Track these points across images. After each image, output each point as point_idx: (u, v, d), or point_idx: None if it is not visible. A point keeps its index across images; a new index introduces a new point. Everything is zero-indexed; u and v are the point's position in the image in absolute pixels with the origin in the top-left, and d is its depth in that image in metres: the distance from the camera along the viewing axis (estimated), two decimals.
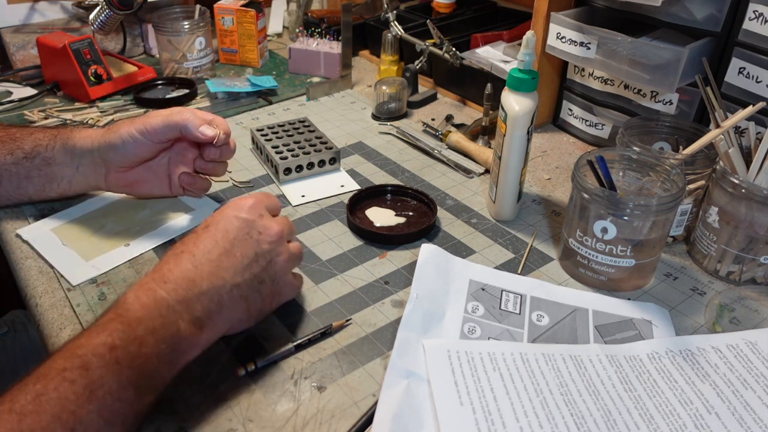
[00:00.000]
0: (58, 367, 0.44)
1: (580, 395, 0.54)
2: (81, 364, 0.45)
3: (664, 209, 0.62)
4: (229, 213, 0.56)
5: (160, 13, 1.16)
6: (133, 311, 0.49)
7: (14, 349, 0.91)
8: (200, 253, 0.54)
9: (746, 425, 0.52)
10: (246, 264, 0.55)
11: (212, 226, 0.56)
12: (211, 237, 0.55)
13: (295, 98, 1.14)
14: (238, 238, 0.55)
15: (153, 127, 0.70)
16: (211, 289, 0.52)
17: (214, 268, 0.53)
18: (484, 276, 0.68)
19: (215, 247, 0.54)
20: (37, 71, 1.17)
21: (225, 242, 0.55)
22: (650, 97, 0.87)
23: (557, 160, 0.94)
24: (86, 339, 0.47)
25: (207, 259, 0.53)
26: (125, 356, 0.46)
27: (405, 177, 0.89)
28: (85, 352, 0.45)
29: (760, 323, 0.64)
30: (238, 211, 0.56)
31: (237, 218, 0.56)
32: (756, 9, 0.72)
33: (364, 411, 0.53)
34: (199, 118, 0.71)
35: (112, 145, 0.72)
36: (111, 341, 0.46)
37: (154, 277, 0.52)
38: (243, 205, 0.57)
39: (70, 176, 0.76)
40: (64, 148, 0.74)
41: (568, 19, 0.86)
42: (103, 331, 0.47)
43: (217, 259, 0.54)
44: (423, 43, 1.12)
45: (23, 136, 0.75)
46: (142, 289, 0.51)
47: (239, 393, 0.55)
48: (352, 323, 0.63)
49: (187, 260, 0.53)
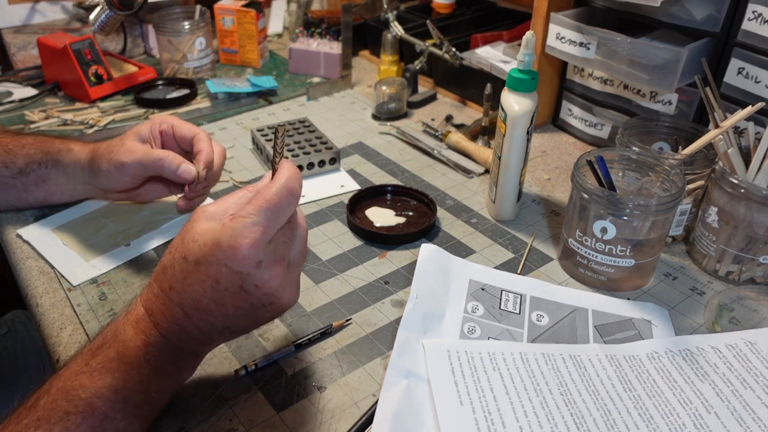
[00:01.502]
0: (60, 410, 0.43)
1: (579, 395, 0.54)
2: (85, 407, 0.44)
3: (664, 209, 0.62)
4: (221, 258, 0.45)
5: (160, 14, 1.16)
6: (133, 350, 0.47)
7: (14, 350, 0.91)
8: (189, 300, 0.47)
9: (745, 425, 0.52)
10: (239, 314, 0.48)
11: (202, 265, 0.46)
12: (199, 284, 0.46)
13: (295, 98, 1.14)
14: (228, 290, 0.46)
15: (129, 167, 0.67)
16: (203, 334, 0.49)
17: (204, 316, 0.48)
18: (483, 276, 0.69)
19: (203, 296, 0.47)
20: (38, 71, 1.17)
21: (214, 293, 0.47)
22: (649, 98, 0.87)
23: (557, 160, 0.94)
24: (88, 380, 0.45)
25: (195, 308, 0.47)
26: (131, 396, 0.46)
27: (405, 177, 0.89)
28: (89, 396, 0.44)
29: (760, 323, 0.64)
30: (230, 260, 0.45)
31: (228, 268, 0.46)
32: (755, 9, 0.72)
33: (364, 411, 0.53)
34: (177, 157, 0.67)
35: (97, 176, 0.71)
36: (116, 384, 0.45)
37: (147, 312, 0.48)
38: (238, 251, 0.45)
39: (70, 191, 0.76)
40: (56, 168, 0.73)
41: (568, 20, 0.87)
42: (106, 372, 0.46)
43: (206, 308, 0.47)
44: (423, 44, 1.12)
45: (16, 149, 0.74)
46: (138, 325, 0.48)
47: (239, 393, 0.55)
48: (352, 323, 0.63)
49: (176, 305, 0.48)
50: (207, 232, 0.46)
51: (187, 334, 0.48)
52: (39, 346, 0.95)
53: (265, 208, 0.46)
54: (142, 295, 0.50)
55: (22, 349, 0.92)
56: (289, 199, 0.48)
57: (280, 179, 0.48)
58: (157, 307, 0.48)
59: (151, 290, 0.49)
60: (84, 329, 0.62)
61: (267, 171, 0.89)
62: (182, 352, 0.49)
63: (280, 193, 0.47)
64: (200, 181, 0.68)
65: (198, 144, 0.69)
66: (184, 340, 0.49)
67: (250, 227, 0.45)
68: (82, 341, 0.61)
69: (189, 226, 0.48)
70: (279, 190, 0.47)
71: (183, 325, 0.48)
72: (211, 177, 0.70)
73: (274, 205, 0.47)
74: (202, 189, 0.71)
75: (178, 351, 0.49)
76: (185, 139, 0.71)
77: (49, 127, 1.01)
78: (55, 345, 0.61)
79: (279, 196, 0.47)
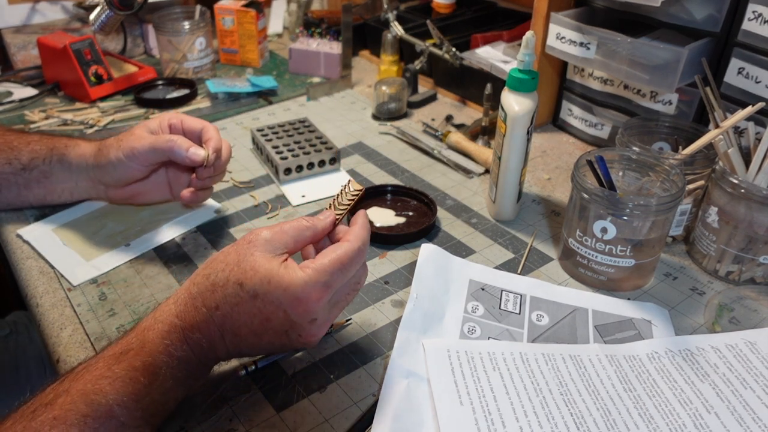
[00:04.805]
0: (80, 412, 0.43)
1: (579, 395, 0.54)
2: (105, 413, 0.44)
3: (664, 209, 0.62)
4: (284, 302, 0.48)
5: (160, 14, 1.16)
6: (160, 364, 0.47)
7: (16, 351, 0.91)
8: (231, 325, 0.49)
9: (745, 425, 0.52)
10: (266, 347, 0.51)
11: (259, 299, 0.48)
12: (248, 315, 0.49)
13: (295, 98, 1.14)
14: (274, 329, 0.49)
15: (139, 152, 0.68)
16: (227, 354, 0.51)
17: (237, 342, 0.50)
18: (483, 276, 0.69)
19: (247, 326, 0.49)
20: (38, 71, 1.17)
21: (259, 327, 0.49)
22: (650, 98, 0.87)
23: (557, 160, 0.94)
24: (110, 386, 0.45)
25: (233, 333, 0.49)
26: (149, 405, 0.47)
27: (405, 177, 0.89)
28: (110, 403, 0.44)
29: (760, 323, 0.64)
30: (292, 308, 0.48)
31: (285, 314, 0.48)
32: (755, 9, 0.72)
33: (364, 411, 0.53)
34: (186, 141, 0.68)
35: (103, 168, 0.71)
36: (138, 395, 0.46)
37: (183, 325, 0.49)
38: (303, 304, 0.48)
39: (71, 189, 0.76)
40: (60, 164, 0.73)
41: (568, 20, 0.87)
42: (130, 381, 0.46)
43: (244, 336, 0.50)
44: (423, 44, 1.12)
45: (21, 146, 0.74)
46: (170, 337, 0.48)
47: (239, 393, 0.55)
48: (352, 323, 0.63)
49: (217, 326, 0.49)
50: (271, 269, 0.48)
51: (214, 352, 0.50)
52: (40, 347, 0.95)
53: (338, 269, 0.49)
54: (178, 305, 0.50)
55: (24, 351, 0.92)
56: (359, 259, 0.51)
57: (357, 241, 0.51)
58: (195, 323, 0.49)
59: (193, 303, 0.49)
60: (84, 329, 0.62)
61: (267, 171, 0.89)
62: (202, 366, 0.51)
63: (354, 255, 0.50)
64: (209, 165, 0.69)
65: (207, 133, 0.70)
66: (208, 357, 0.51)
67: (321, 286, 0.48)
68: (82, 341, 0.61)
69: (246, 250, 0.49)
70: (354, 251, 0.50)
71: (214, 344, 0.50)
72: (218, 167, 0.71)
73: (347, 265, 0.49)
74: (209, 179, 0.72)
75: (200, 365, 0.51)
76: (194, 131, 0.72)
77: (49, 127, 1.01)
78: (55, 345, 0.61)
79: (352, 258, 0.50)
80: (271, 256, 0.49)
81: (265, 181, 0.88)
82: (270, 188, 0.86)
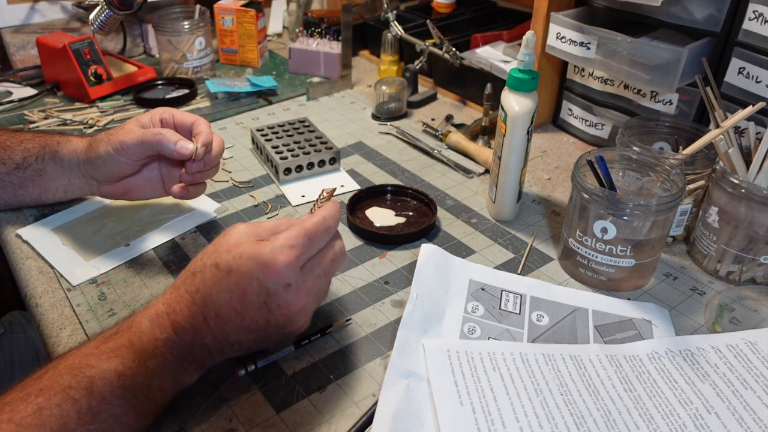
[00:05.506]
0: (64, 383, 0.45)
1: (579, 395, 0.54)
2: (87, 385, 0.45)
3: (664, 209, 0.62)
4: (255, 271, 0.49)
5: (160, 13, 1.16)
6: (145, 341, 0.49)
7: (11, 351, 0.91)
8: (212, 305, 0.50)
9: (746, 425, 0.52)
10: (254, 329, 0.51)
11: (234, 273, 0.49)
12: (227, 291, 0.50)
13: (295, 98, 1.14)
14: (252, 303, 0.50)
15: (128, 146, 0.68)
16: (214, 342, 0.51)
17: (221, 324, 0.50)
18: (483, 276, 0.68)
19: (227, 304, 0.50)
20: (37, 71, 1.17)
21: (238, 303, 0.50)
22: (650, 97, 0.87)
23: (557, 160, 0.94)
24: (96, 360, 0.47)
25: (216, 315, 0.50)
26: (132, 385, 0.47)
27: (405, 177, 0.89)
28: (93, 374, 0.46)
29: (760, 323, 0.64)
30: (263, 274, 0.49)
31: (259, 282, 0.49)
32: (756, 9, 0.72)
33: (364, 411, 0.53)
34: (175, 134, 0.68)
35: (93, 162, 0.71)
36: (121, 369, 0.47)
37: (168, 310, 0.51)
38: (273, 267, 0.49)
39: (65, 187, 0.75)
40: (53, 160, 0.73)
41: (568, 19, 0.87)
42: (114, 356, 0.48)
43: (226, 316, 0.50)
44: (423, 43, 1.12)
45: (13, 145, 0.74)
46: (156, 320, 0.50)
47: (239, 393, 0.55)
48: (352, 323, 0.63)
49: (199, 309, 0.50)
50: (242, 246, 0.50)
51: (201, 339, 0.51)
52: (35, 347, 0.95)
53: (303, 235, 0.51)
54: (165, 295, 0.53)
55: (18, 351, 0.92)
56: (326, 231, 0.53)
57: (321, 213, 0.53)
58: (179, 308, 0.51)
59: (177, 292, 0.52)
60: (83, 329, 0.62)
61: (266, 171, 0.89)
62: (190, 357, 0.51)
63: (318, 225, 0.52)
64: (197, 159, 0.68)
65: (197, 127, 0.70)
66: (195, 345, 0.51)
67: (288, 248, 0.50)
68: (82, 341, 0.60)
69: (223, 238, 0.53)
70: (318, 222, 0.52)
71: (199, 329, 0.50)
72: (208, 161, 0.70)
73: (313, 234, 0.52)
74: (199, 174, 0.70)
75: (187, 354, 0.51)
76: (185, 125, 0.71)
77: (49, 127, 1.01)
78: (55, 345, 0.61)
79: (317, 227, 0.52)
80: (245, 238, 0.52)
81: (264, 181, 0.88)
82: (270, 188, 0.86)
